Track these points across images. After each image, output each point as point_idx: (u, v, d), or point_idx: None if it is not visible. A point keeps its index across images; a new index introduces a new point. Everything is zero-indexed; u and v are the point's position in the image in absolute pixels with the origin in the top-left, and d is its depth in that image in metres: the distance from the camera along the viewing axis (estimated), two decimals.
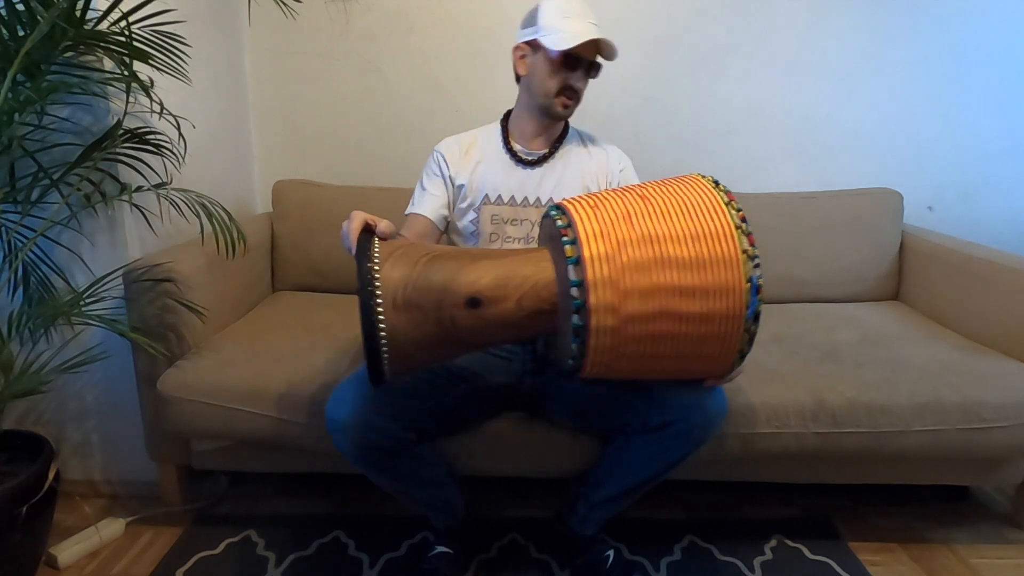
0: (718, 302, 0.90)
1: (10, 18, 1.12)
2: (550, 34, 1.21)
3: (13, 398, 1.28)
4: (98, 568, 1.36)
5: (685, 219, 0.92)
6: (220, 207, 1.41)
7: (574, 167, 1.33)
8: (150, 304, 1.39)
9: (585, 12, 1.23)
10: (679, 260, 0.90)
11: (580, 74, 1.25)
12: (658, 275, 0.90)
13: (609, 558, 1.28)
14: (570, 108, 1.27)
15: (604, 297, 0.89)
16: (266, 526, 1.47)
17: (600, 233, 0.91)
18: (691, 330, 0.92)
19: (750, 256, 0.89)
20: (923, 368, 1.40)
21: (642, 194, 0.96)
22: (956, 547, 1.43)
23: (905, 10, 1.93)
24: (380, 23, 1.98)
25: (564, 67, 1.23)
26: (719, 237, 0.90)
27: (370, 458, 1.12)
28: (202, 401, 1.35)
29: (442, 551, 1.29)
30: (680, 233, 0.91)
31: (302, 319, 1.65)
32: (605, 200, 0.96)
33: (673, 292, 0.90)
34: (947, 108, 1.99)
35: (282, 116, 2.06)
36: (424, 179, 1.34)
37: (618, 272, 0.89)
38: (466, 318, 0.93)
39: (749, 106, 2.01)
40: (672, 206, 0.94)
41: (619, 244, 0.90)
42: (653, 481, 1.21)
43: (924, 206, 2.05)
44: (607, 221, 0.92)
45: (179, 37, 1.33)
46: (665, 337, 0.92)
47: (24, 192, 1.26)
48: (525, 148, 1.33)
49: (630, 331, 0.91)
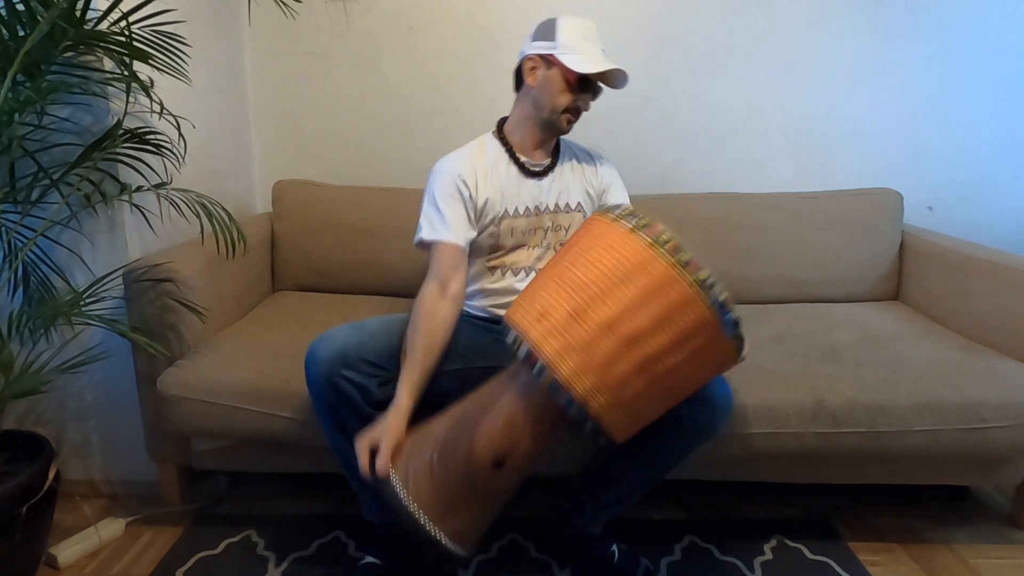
0: (697, 339, 0.92)
1: (10, 18, 1.12)
2: (571, 54, 1.23)
3: (13, 398, 1.28)
4: (98, 568, 1.36)
5: (626, 285, 0.92)
6: (220, 207, 1.41)
7: (575, 174, 1.37)
8: (150, 304, 1.39)
9: (597, 38, 1.27)
10: (643, 331, 0.91)
11: (589, 96, 1.28)
12: (634, 354, 0.91)
13: (615, 554, 1.29)
14: (572, 125, 1.31)
15: (599, 400, 0.93)
16: (266, 526, 1.47)
17: (563, 349, 0.92)
18: (685, 367, 0.94)
19: (701, 282, 0.90)
20: (923, 368, 1.40)
21: (575, 281, 0.96)
22: (956, 547, 1.43)
23: (905, 10, 1.93)
24: (380, 23, 1.98)
25: (578, 88, 1.25)
26: (665, 286, 0.90)
27: (335, 404, 1.15)
28: (202, 400, 1.35)
29: (371, 562, 1.27)
30: (630, 303, 0.91)
31: (302, 319, 1.65)
32: (550, 306, 0.96)
33: (653, 358, 0.92)
34: (947, 108, 1.99)
35: (282, 116, 2.06)
36: (440, 202, 1.27)
37: (597, 375, 0.92)
38: (501, 477, 1.02)
39: (749, 106, 2.01)
40: (609, 277, 0.93)
41: (584, 349, 0.92)
42: (661, 476, 1.22)
43: (924, 206, 2.05)
44: (561, 330, 0.93)
45: (179, 37, 1.33)
46: (666, 382, 0.96)
47: (24, 192, 1.26)
48: (530, 160, 1.34)
49: (633, 400, 0.95)
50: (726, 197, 1.93)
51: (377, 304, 1.77)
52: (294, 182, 1.94)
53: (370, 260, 1.86)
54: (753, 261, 1.86)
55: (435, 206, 1.28)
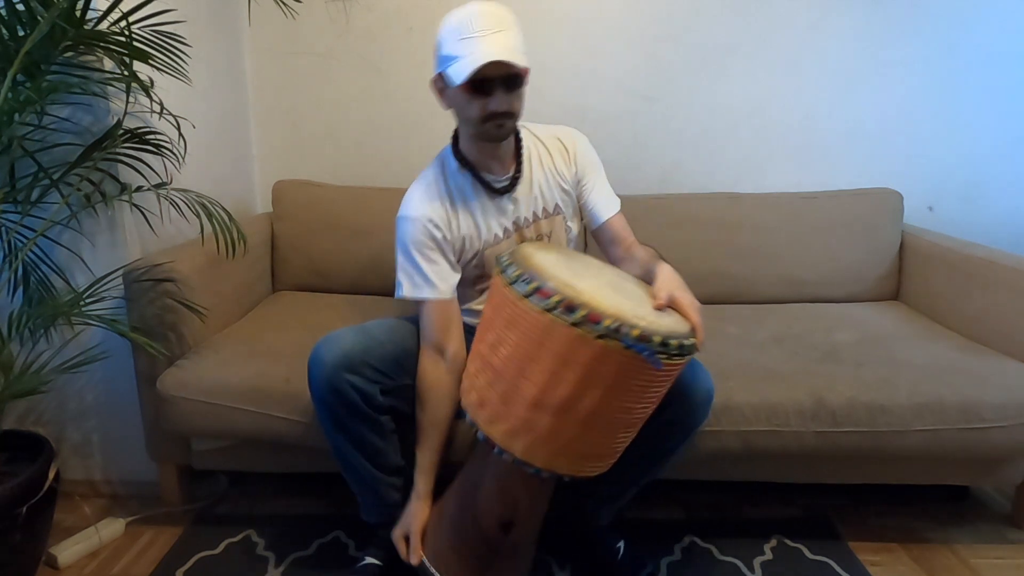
0: (630, 379, 0.90)
1: (10, 18, 1.12)
2: (451, 63, 1.08)
3: (13, 398, 1.28)
4: (98, 568, 1.36)
5: (538, 360, 0.91)
6: (220, 207, 1.41)
7: (546, 173, 1.28)
8: (150, 304, 1.39)
9: (488, 24, 1.08)
10: (572, 396, 0.91)
11: (499, 95, 1.10)
12: (574, 417, 0.92)
13: (621, 549, 1.29)
14: (506, 127, 1.15)
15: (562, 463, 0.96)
16: (266, 526, 1.47)
17: (509, 432, 0.96)
18: (633, 402, 0.94)
19: (606, 333, 0.86)
20: (923, 368, 1.40)
21: (496, 364, 0.98)
22: (956, 547, 1.43)
23: (905, 10, 1.93)
24: (380, 23, 1.98)
25: (477, 93, 1.10)
26: (574, 350, 0.88)
27: (336, 409, 1.14)
28: (202, 400, 1.35)
29: (370, 563, 1.27)
30: (549, 377, 0.91)
31: (302, 319, 1.65)
32: (485, 393, 0.99)
33: (595, 412, 0.92)
34: (947, 108, 1.99)
35: (282, 116, 2.06)
36: (416, 256, 1.19)
37: (548, 445, 0.95)
38: (515, 535, 1.09)
39: (749, 106, 2.01)
40: (521, 354, 0.93)
41: (527, 429, 0.94)
42: (654, 472, 1.22)
43: (924, 206, 2.05)
44: (501, 416, 0.96)
45: (179, 37, 1.33)
46: (621, 421, 0.96)
47: (24, 192, 1.27)
48: (494, 176, 1.24)
49: (596, 448, 0.97)
50: (726, 197, 1.93)
51: (377, 304, 1.76)
52: (294, 182, 1.94)
53: (370, 260, 1.86)
54: (753, 261, 1.86)
55: (411, 260, 1.20)
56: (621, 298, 0.95)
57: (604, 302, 0.88)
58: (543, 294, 0.89)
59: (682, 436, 1.16)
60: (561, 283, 0.90)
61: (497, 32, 1.07)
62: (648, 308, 0.97)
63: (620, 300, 0.93)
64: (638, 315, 0.89)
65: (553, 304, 0.88)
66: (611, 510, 1.30)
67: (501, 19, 1.09)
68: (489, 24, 1.07)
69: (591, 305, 0.87)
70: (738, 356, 1.46)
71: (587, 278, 1.00)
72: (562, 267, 1.00)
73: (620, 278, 1.10)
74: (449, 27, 1.10)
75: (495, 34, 1.07)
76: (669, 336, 0.88)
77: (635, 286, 1.08)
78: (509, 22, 1.10)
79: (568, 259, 1.10)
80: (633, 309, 0.91)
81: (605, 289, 0.97)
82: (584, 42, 1.97)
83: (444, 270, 1.22)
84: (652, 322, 0.89)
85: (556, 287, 0.89)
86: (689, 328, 0.96)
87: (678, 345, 0.89)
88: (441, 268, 1.21)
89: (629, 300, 0.96)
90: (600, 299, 0.89)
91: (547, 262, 0.99)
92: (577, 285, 0.91)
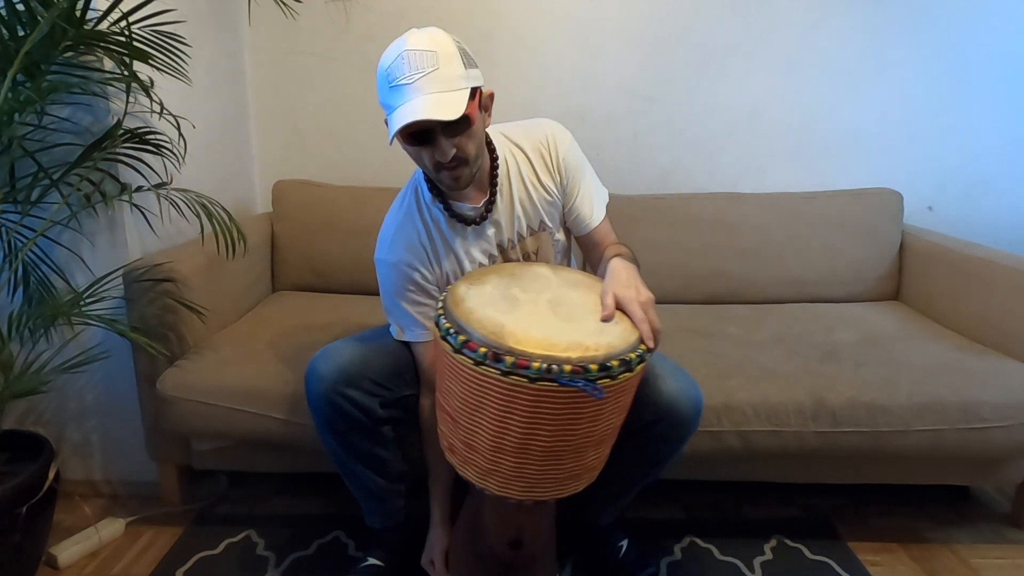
0: (579, 412, 0.88)
1: (10, 18, 1.12)
2: (388, 113, 1.00)
3: (13, 398, 1.28)
4: (98, 568, 1.36)
5: (483, 409, 0.89)
6: (220, 207, 1.41)
7: (526, 186, 1.18)
8: (150, 304, 1.39)
9: (415, 65, 0.96)
10: (525, 436, 0.89)
11: (442, 144, 0.99)
12: (533, 453, 0.91)
13: (623, 548, 1.29)
14: (462, 177, 1.04)
15: (538, 492, 0.97)
16: (266, 526, 1.47)
17: (480, 474, 0.97)
18: (593, 428, 0.92)
19: (539, 376, 0.83)
20: (923, 368, 1.40)
21: (451, 412, 0.98)
22: (956, 547, 1.43)
23: (905, 10, 1.93)
24: (380, 23, 1.98)
25: (418, 144, 1.02)
26: (513, 397, 0.86)
27: (337, 426, 1.12)
28: (202, 401, 1.35)
29: (373, 563, 1.26)
30: (498, 424, 0.89)
31: (302, 319, 1.65)
32: (450, 439, 1.00)
33: (555, 446, 0.90)
34: (947, 108, 1.99)
35: (282, 116, 2.06)
36: (399, 300, 1.17)
37: (517, 481, 0.94)
38: (528, 549, 1.11)
39: (749, 106, 2.01)
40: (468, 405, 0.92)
41: (494, 471, 0.95)
42: (653, 475, 1.21)
43: (924, 206, 2.05)
44: (468, 460, 0.97)
45: (179, 37, 1.33)
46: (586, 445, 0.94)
47: (24, 192, 1.26)
48: (468, 204, 1.15)
49: (569, 472, 0.96)
50: (726, 197, 1.93)
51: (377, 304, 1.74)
52: (294, 182, 1.94)
53: (370, 260, 1.84)
54: (753, 261, 1.86)
55: (395, 305, 1.18)
56: (559, 322, 0.92)
57: (533, 339, 0.85)
58: (471, 347, 0.87)
59: (676, 445, 1.14)
60: (488, 329, 0.87)
61: (427, 75, 0.96)
62: (590, 324, 0.92)
63: (556, 328, 0.90)
64: (574, 342, 0.85)
65: (481, 357, 0.86)
66: (612, 511, 1.30)
67: (431, 56, 0.97)
68: (417, 65, 0.96)
69: (518, 350, 0.84)
70: (738, 356, 1.46)
71: (524, 304, 0.96)
72: (497, 299, 0.97)
73: (568, 286, 1.05)
74: (381, 70, 1.00)
75: (423, 78, 0.95)
76: (609, 357, 0.85)
77: (584, 294, 1.02)
78: (443, 56, 0.97)
79: (508, 283, 1.04)
80: (570, 335, 0.87)
81: (543, 314, 0.94)
82: (584, 42, 1.97)
83: (430, 311, 1.16)
84: (588, 348, 0.85)
85: (483, 336, 0.86)
86: (637, 337, 0.91)
87: (621, 363, 0.85)
88: (426, 309, 1.17)
89: (569, 322, 0.93)
90: (530, 336, 0.86)
91: (478, 302, 0.95)
92: (507, 325, 0.88)
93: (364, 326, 1.57)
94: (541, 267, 1.13)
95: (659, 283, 1.38)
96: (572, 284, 1.06)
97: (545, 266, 1.14)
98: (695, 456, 1.32)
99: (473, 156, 1.04)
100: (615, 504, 1.28)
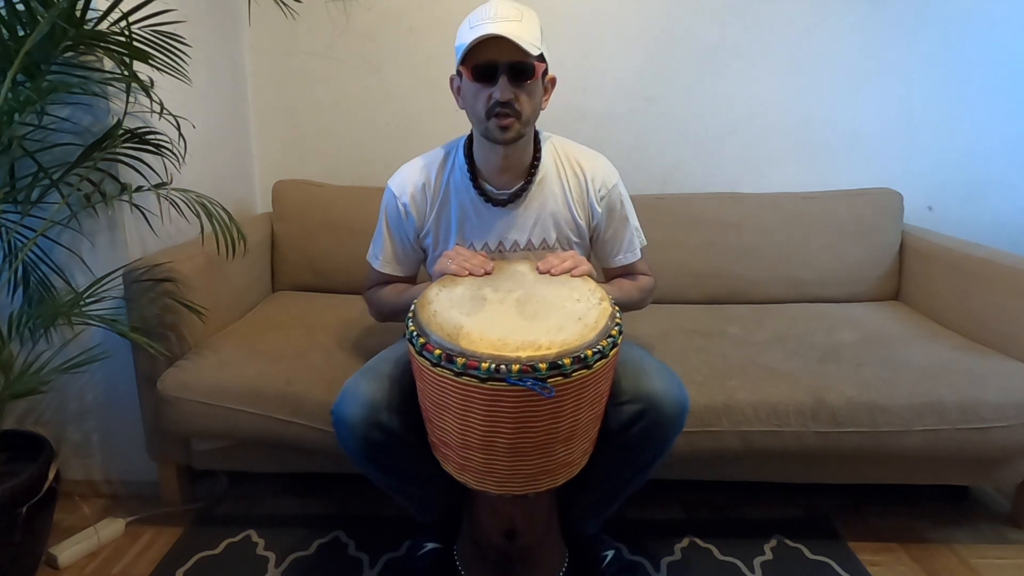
0: (535, 410, 0.89)
1: (10, 18, 1.12)
2: (460, 52, 1.06)
3: (13, 398, 1.28)
4: (98, 568, 1.36)
5: (449, 408, 0.91)
6: (220, 207, 1.41)
7: (556, 202, 1.20)
8: (150, 304, 1.39)
9: (503, 13, 1.04)
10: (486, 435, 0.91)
11: (503, 83, 1.04)
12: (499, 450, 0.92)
13: (607, 558, 1.28)
14: (510, 129, 1.08)
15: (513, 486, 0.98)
16: (266, 526, 1.47)
17: (457, 468, 1.00)
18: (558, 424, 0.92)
19: (489, 372, 0.84)
20: (923, 368, 1.40)
21: (426, 412, 1.00)
22: (956, 547, 1.43)
23: (905, 11, 1.93)
24: (380, 23, 1.98)
25: (481, 80, 1.06)
26: (469, 396, 0.87)
27: (373, 457, 1.11)
28: (202, 401, 1.35)
29: (432, 547, 1.28)
30: (460, 422, 0.92)
31: (302, 319, 1.65)
32: (430, 433, 1.03)
33: (522, 443, 0.91)
34: (947, 108, 1.99)
35: (282, 116, 2.06)
36: (382, 226, 1.26)
37: (491, 477, 0.96)
38: (525, 539, 1.13)
39: (749, 106, 2.01)
40: (436, 404, 0.94)
41: (467, 467, 0.97)
42: (636, 483, 1.19)
43: (924, 206, 2.05)
44: (447, 457, 1.01)
45: (179, 37, 1.33)
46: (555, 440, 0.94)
47: (24, 192, 1.26)
48: (494, 186, 1.18)
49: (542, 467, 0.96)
50: (726, 197, 1.93)
51: None
52: (294, 182, 1.94)
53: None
54: (753, 261, 1.86)
55: (380, 227, 1.28)
56: (521, 321, 0.93)
57: (488, 340, 0.87)
58: (428, 349, 0.90)
59: (658, 448, 1.11)
60: (446, 331, 0.90)
61: (511, 21, 1.02)
62: (552, 322, 0.93)
63: (515, 327, 0.90)
64: (527, 341, 0.86)
65: (436, 359, 0.88)
66: (597, 520, 1.28)
67: (516, 11, 1.05)
68: (504, 14, 1.04)
69: (469, 351, 0.86)
70: (738, 356, 1.46)
71: (490, 304, 0.98)
72: (465, 300, 0.99)
73: (542, 283, 1.05)
74: (465, 22, 1.08)
75: (508, 22, 1.02)
76: (561, 355, 0.85)
77: (557, 288, 1.03)
78: (527, 17, 1.05)
79: (481, 282, 1.06)
80: (525, 335, 0.88)
81: (506, 314, 0.95)
82: (584, 42, 1.97)
83: (399, 252, 1.27)
84: (541, 346, 0.86)
85: (439, 339, 0.89)
86: (599, 333, 0.90)
87: (575, 361, 0.85)
88: (396, 249, 1.26)
89: (532, 320, 0.93)
90: (484, 336, 0.88)
91: (444, 304, 0.98)
92: (465, 326, 0.90)
93: (364, 327, 1.58)
94: (522, 264, 1.15)
95: (659, 283, 1.39)
96: (548, 280, 1.07)
97: (526, 263, 1.16)
98: (695, 456, 1.32)
99: (526, 115, 1.09)
100: (599, 512, 1.26)
